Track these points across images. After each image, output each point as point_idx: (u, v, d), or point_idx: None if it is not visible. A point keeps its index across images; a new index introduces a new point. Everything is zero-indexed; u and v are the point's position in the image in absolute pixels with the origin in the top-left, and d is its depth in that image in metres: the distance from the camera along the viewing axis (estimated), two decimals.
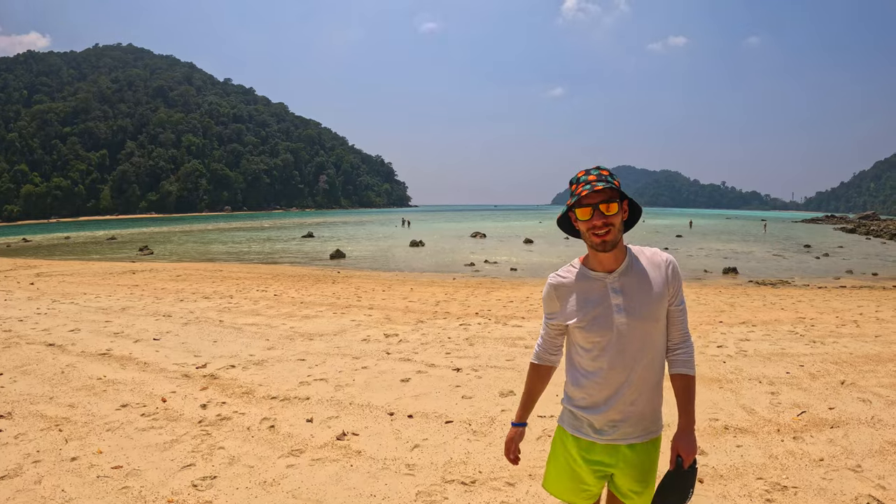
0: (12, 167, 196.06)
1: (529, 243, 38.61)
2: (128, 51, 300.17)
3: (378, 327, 9.85)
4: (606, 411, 2.18)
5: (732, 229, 67.74)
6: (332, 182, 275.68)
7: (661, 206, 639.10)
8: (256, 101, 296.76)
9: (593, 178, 2.08)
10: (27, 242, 56.77)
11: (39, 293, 15.48)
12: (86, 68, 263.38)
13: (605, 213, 2.07)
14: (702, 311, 11.69)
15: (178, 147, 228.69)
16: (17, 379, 6.87)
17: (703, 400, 5.63)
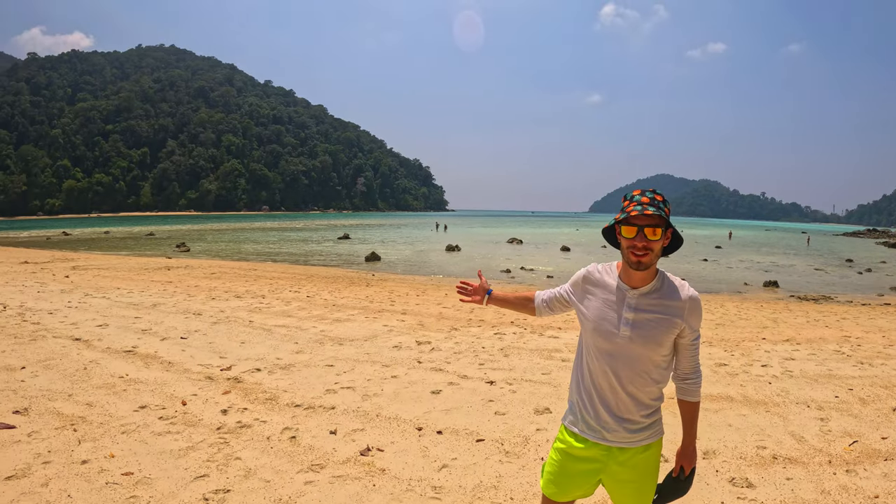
0: (55, 162, 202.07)
1: (566, 251, 38.16)
2: (170, 52, 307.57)
3: (410, 334, 9.63)
4: (600, 412, 2.33)
5: (772, 241, 66.48)
6: (370, 185, 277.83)
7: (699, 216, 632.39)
8: (296, 103, 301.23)
9: (647, 200, 2.20)
10: (67, 236, 58.16)
11: (73, 286, 15.63)
12: (128, 68, 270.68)
13: (648, 236, 2.18)
14: (744, 327, 11.28)
15: (217, 147, 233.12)
16: (38, 373, 6.80)
17: (750, 425, 5.36)
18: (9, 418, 5.26)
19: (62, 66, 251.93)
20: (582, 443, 2.37)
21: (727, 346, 9.13)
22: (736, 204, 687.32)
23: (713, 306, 14.59)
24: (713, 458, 4.58)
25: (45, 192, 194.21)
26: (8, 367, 7.04)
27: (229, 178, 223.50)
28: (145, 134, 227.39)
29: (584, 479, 2.38)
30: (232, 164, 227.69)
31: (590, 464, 2.36)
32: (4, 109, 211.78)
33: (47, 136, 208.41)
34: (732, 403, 5.98)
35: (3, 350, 7.93)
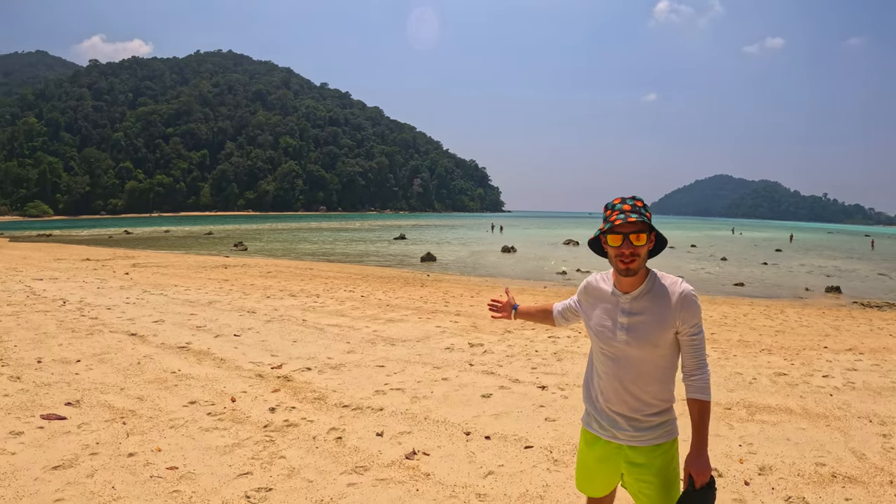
0: (118, 164, 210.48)
1: None
2: (227, 57, 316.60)
3: (463, 335, 9.52)
4: (607, 411, 2.43)
5: (835, 244, 63.69)
6: (426, 185, 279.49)
7: (758, 217, 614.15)
8: (352, 105, 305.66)
9: (628, 207, 2.30)
10: (128, 234, 60.16)
11: (132, 283, 16.08)
12: (188, 73, 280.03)
13: (633, 242, 2.29)
14: (805, 335, 10.81)
15: (275, 148, 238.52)
16: (93, 367, 6.96)
17: (810, 439, 5.07)
18: (61, 409, 5.38)
19: (123, 72, 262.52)
20: (596, 441, 2.49)
21: (787, 354, 8.74)
22: (797, 205, 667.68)
23: (773, 312, 14.07)
24: (769, 474, 4.36)
25: (108, 193, 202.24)
26: (64, 360, 7.23)
27: (287, 178, 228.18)
28: (205, 136, 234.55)
29: (605, 475, 2.51)
30: (289, 165, 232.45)
31: (606, 462, 2.48)
32: (68, 114, 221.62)
33: (110, 139, 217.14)
34: (791, 416, 5.69)
35: (60, 343, 8.17)
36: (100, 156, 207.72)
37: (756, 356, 8.49)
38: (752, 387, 6.71)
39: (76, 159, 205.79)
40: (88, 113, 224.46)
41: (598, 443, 2.48)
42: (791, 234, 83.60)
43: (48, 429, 4.92)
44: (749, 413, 5.72)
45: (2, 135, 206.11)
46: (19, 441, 4.66)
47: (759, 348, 9.14)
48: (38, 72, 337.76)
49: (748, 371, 7.49)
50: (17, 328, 9.23)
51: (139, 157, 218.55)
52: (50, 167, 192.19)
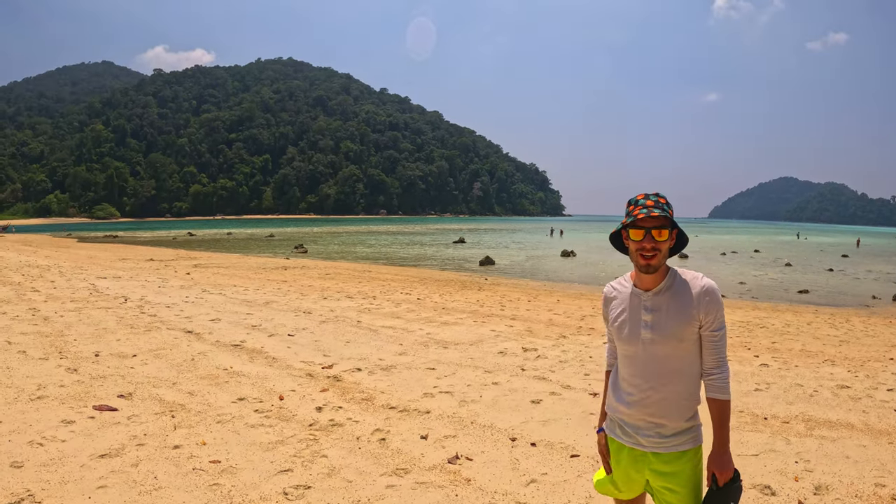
0: (182, 168, 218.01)
1: (684, 258, 36.46)
2: (288, 64, 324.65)
3: (517, 340, 9.41)
4: (632, 417, 2.41)
5: None
6: (486, 189, 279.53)
7: (825, 221, 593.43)
8: (412, 110, 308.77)
9: (651, 203, 2.30)
10: (192, 236, 62.04)
11: (192, 282, 16.53)
12: (249, 80, 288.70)
13: (655, 238, 2.28)
14: (870, 345, 10.29)
15: (336, 153, 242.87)
16: (147, 362, 7.15)
17: (869, 458, 4.77)
18: (113, 401, 5.54)
19: (186, 81, 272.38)
20: (620, 448, 2.47)
21: (851, 365, 8.33)
22: (864, 209, 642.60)
23: (837, 321, 13.49)
24: (825, 493, 4.12)
25: (173, 196, 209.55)
26: (120, 355, 7.47)
27: (348, 182, 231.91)
28: (267, 141, 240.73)
29: (630, 482, 2.48)
30: (350, 169, 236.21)
31: (631, 468, 2.45)
32: (134, 121, 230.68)
33: (174, 145, 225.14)
34: (853, 432, 5.38)
35: (118, 339, 8.45)
36: (165, 161, 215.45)
37: (818, 367, 8.15)
38: (813, 399, 6.43)
39: (142, 164, 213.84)
40: (154, 120, 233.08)
41: (622, 450, 2.46)
42: (858, 238, 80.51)
43: (99, 419, 5.07)
44: (808, 428, 5.46)
45: (70, 141, 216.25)
46: (70, 430, 4.81)
47: (821, 359, 8.78)
48: (105, 81, 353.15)
49: (809, 383, 7.19)
50: (79, 323, 9.59)
51: (203, 162, 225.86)
52: (117, 172, 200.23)
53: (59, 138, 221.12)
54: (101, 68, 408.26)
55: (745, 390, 6.70)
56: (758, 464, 4.56)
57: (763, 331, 11.44)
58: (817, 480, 4.32)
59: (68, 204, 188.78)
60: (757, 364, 8.16)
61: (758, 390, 6.72)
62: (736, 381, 7.07)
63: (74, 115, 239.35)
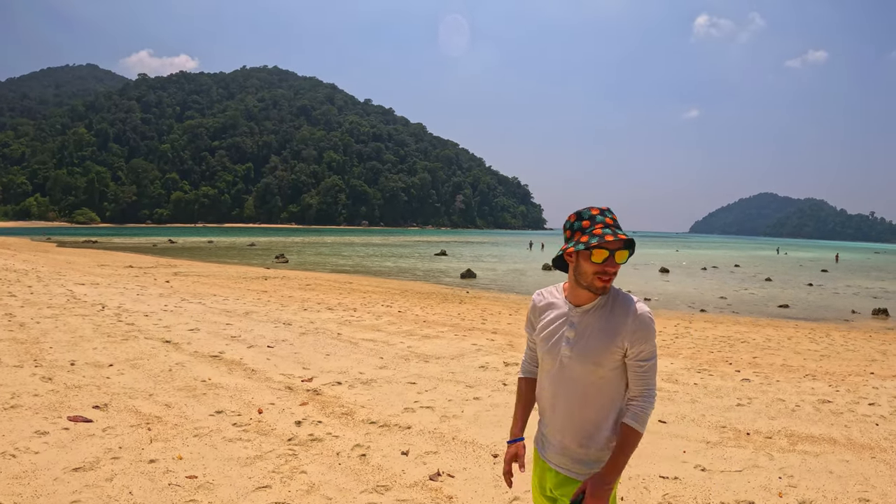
0: (164, 175, 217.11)
1: (665, 272, 36.73)
2: (273, 72, 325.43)
3: (499, 354, 9.39)
4: (548, 430, 2.34)
5: (882, 265, 62.02)
6: (469, 202, 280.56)
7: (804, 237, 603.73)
8: (395, 121, 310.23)
9: (611, 221, 2.14)
10: (172, 244, 61.50)
11: (172, 291, 16.35)
12: (234, 88, 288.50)
13: (617, 260, 2.13)
14: (850, 359, 10.44)
15: (319, 163, 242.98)
16: (124, 371, 7.04)
17: (853, 472, 4.80)
18: (88, 412, 5.43)
19: (171, 86, 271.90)
20: (541, 459, 2.39)
21: (832, 380, 8.43)
22: (843, 224, 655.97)
23: (818, 335, 13.66)
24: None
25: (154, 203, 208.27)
26: (97, 364, 7.34)
27: (330, 193, 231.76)
28: (250, 150, 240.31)
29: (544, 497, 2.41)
30: (333, 179, 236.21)
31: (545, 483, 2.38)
32: (117, 125, 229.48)
33: (157, 151, 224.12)
34: (835, 447, 5.43)
35: (94, 347, 8.31)
36: (147, 167, 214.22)
37: (800, 382, 8.23)
38: (795, 414, 6.48)
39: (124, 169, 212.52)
40: (137, 125, 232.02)
41: (540, 463, 2.39)
42: (837, 254, 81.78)
43: (73, 430, 4.96)
44: (791, 443, 5.49)
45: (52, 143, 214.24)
46: (43, 441, 4.71)
47: (803, 373, 8.87)
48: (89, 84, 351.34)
49: (791, 397, 7.25)
50: (55, 330, 9.43)
51: (185, 169, 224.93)
52: (98, 176, 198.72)
53: (41, 141, 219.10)
54: (86, 71, 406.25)
55: (726, 405, 6.74)
56: (741, 480, 4.57)
57: (744, 345, 11.54)
58: (801, 496, 4.34)
59: (48, 207, 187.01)
60: (738, 379, 8.22)
61: (740, 405, 6.76)
62: (717, 397, 7.13)
63: (57, 118, 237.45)
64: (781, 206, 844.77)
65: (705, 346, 11.28)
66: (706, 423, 6.03)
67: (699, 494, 4.30)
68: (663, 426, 5.86)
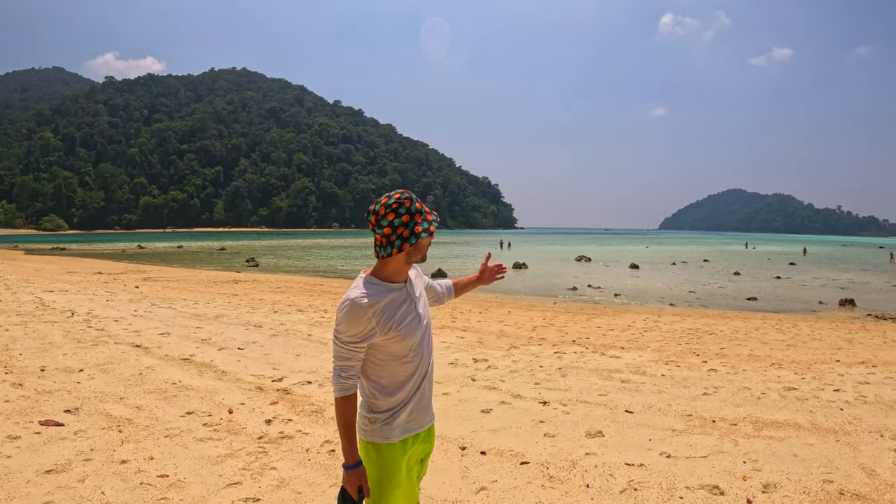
0: (132, 180, 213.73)
1: (635, 268, 37.16)
2: (242, 74, 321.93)
3: (468, 351, 9.51)
4: (423, 400, 2.47)
5: (849, 257, 63.63)
6: (439, 203, 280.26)
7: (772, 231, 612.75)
8: (365, 122, 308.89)
9: (426, 208, 2.43)
10: (142, 249, 60.73)
11: (142, 296, 16.21)
12: (202, 90, 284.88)
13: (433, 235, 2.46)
14: (816, 348, 10.74)
15: (289, 165, 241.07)
16: (94, 376, 7.04)
17: (818, 455, 4.95)
18: (59, 416, 5.45)
19: (138, 89, 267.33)
20: (419, 438, 2.50)
21: (798, 368, 8.67)
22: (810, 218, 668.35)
23: (785, 326, 14.00)
24: (774, 491, 4.25)
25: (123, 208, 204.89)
26: (67, 369, 7.32)
27: (300, 195, 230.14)
28: (219, 153, 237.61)
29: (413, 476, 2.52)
30: (302, 182, 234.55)
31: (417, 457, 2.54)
32: (84, 129, 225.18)
33: (125, 155, 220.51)
34: (800, 431, 5.59)
35: (64, 353, 8.27)
36: (115, 171, 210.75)
37: (766, 371, 8.43)
38: (761, 402, 6.64)
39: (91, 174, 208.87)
40: (104, 129, 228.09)
41: (415, 441, 2.46)
42: (804, 247, 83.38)
43: (45, 434, 4.99)
44: (756, 429, 5.64)
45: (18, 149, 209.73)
46: (15, 445, 4.73)
47: (769, 363, 9.08)
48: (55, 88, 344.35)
49: (757, 386, 7.42)
50: (24, 337, 9.35)
51: (154, 173, 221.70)
52: (65, 182, 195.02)
53: (7, 146, 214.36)
54: (52, 74, 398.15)
55: (693, 395, 6.88)
56: (706, 465, 4.69)
57: (712, 337, 11.77)
58: (766, 479, 4.45)
59: (15, 214, 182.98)
60: (705, 369, 8.39)
61: (706, 394, 6.91)
62: (684, 387, 7.29)
63: (23, 123, 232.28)
64: (750, 201, 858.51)
65: (673, 338, 11.49)
66: (672, 412, 6.16)
67: (664, 480, 4.39)
68: (630, 416, 5.98)
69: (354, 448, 2.33)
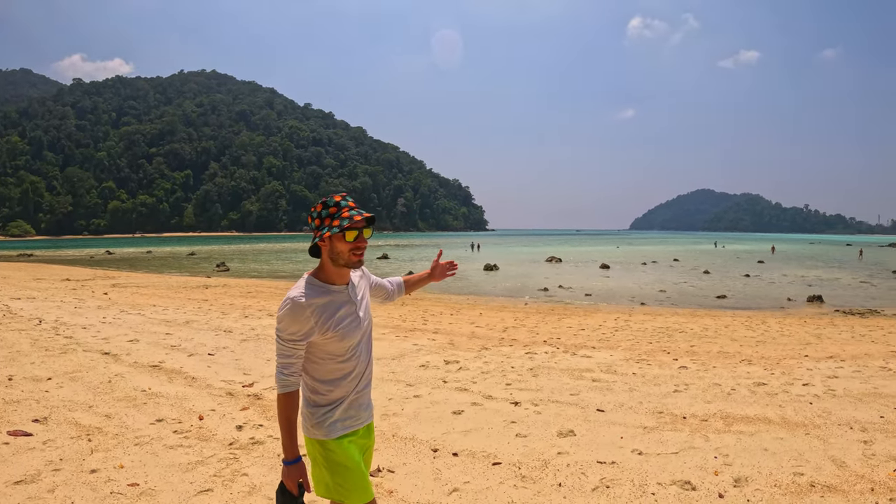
0: (100, 184, 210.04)
1: (606, 269, 37.53)
2: (211, 77, 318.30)
3: (439, 353, 9.55)
4: (362, 398, 2.53)
5: (817, 254, 65.17)
6: (410, 205, 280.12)
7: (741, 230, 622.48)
8: (336, 125, 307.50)
9: (354, 205, 2.42)
10: (110, 255, 59.79)
11: (110, 303, 16.00)
12: (171, 93, 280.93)
13: (365, 236, 2.44)
14: (786, 344, 10.95)
15: (259, 168, 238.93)
16: (63, 385, 6.95)
17: (788, 449, 5.04)
18: (28, 426, 5.38)
19: (107, 91, 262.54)
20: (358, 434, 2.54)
21: (767, 364, 8.82)
22: (779, 217, 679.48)
23: (754, 323, 14.26)
24: (745, 485, 4.30)
25: (91, 213, 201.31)
26: (35, 378, 7.22)
27: (270, 199, 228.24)
28: (188, 156, 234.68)
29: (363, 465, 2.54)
30: (273, 185, 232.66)
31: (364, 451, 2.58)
32: (51, 133, 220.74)
33: (93, 159, 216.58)
34: (770, 426, 5.68)
35: (32, 362, 8.16)
36: (83, 175, 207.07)
37: (736, 367, 8.56)
38: (731, 398, 6.74)
39: (59, 179, 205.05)
40: (72, 132, 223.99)
41: (354, 436, 2.50)
42: (773, 245, 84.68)
43: (13, 445, 4.92)
44: (726, 424, 5.71)
45: None
46: None
47: (739, 359, 9.22)
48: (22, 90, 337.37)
49: (727, 382, 7.54)
50: None
51: (122, 177, 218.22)
52: (32, 186, 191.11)
53: None
54: (19, 76, 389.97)
55: (664, 392, 6.97)
56: (678, 461, 4.74)
57: (682, 335, 11.93)
58: (737, 473, 4.50)
59: None
60: (676, 367, 8.50)
61: (677, 391, 7.00)
62: (655, 384, 7.38)
63: None
64: (718, 201, 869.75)
65: (644, 337, 11.62)
66: (643, 409, 6.23)
67: (636, 477, 4.43)
68: (601, 415, 6.04)
69: (295, 444, 2.37)
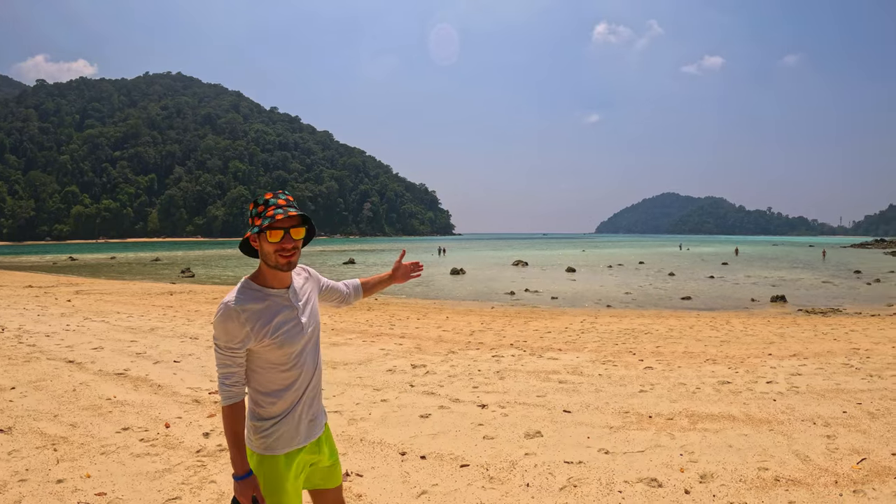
0: (63, 188, 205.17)
1: (572, 272, 37.88)
2: (177, 79, 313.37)
3: (406, 357, 9.58)
4: (309, 411, 2.38)
5: (780, 256, 66.56)
6: (377, 210, 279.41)
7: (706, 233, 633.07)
8: (302, 129, 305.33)
9: (284, 202, 2.25)
10: (73, 261, 58.55)
11: (74, 310, 15.70)
12: (136, 95, 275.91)
13: (294, 237, 2.25)
14: (750, 343, 11.14)
15: (224, 173, 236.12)
16: (27, 394, 6.83)
17: (752, 445, 5.14)
18: None
19: (70, 93, 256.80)
20: (305, 450, 2.38)
21: (731, 363, 8.97)
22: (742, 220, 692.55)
23: (718, 323, 14.50)
24: (710, 481, 4.37)
25: (53, 218, 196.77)
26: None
27: (236, 204, 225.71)
28: (153, 160, 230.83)
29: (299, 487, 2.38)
30: (238, 190, 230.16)
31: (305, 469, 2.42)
32: (13, 135, 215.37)
33: (56, 162, 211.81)
34: (734, 423, 5.79)
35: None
36: (45, 179, 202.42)
37: (700, 366, 8.68)
38: (696, 396, 6.84)
39: (21, 183, 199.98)
40: (34, 135, 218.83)
41: (299, 452, 2.36)
42: (736, 247, 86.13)
43: None
44: (691, 422, 5.79)
45: None
46: None
47: (703, 358, 9.35)
48: None
49: (692, 381, 7.64)
50: None
51: (85, 182, 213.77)
52: None
53: None
54: None
55: (630, 392, 7.06)
56: (644, 459, 4.82)
57: (647, 336, 12.05)
58: (702, 470, 4.58)
59: None
60: (641, 368, 8.60)
61: (642, 391, 7.09)
62: (621, 385, 7.47)
63: None
64: (683, 204, 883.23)
65: (610, 339, 11.73)
66: (610, 409, 6.31)
67: (603, 475, 4.50)
68: (568, 415, 6.11)
69: (244, 458, 2.23)
